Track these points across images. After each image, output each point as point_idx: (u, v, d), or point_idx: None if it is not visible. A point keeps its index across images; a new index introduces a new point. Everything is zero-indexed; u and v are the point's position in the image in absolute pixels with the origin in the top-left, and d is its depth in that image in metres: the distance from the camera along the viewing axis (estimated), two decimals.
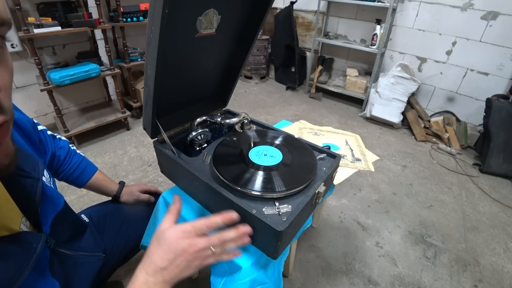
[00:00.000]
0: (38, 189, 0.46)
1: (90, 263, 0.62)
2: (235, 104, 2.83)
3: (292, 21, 2.91)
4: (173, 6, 0.48)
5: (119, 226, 0.81)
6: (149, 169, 1.80)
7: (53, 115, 2.09)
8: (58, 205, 0.53)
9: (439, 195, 1.70)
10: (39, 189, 0.46)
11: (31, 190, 0.45)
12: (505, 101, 1.94)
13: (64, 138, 0.79)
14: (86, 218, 0.78)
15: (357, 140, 1.18)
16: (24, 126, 0.57)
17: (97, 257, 0.65)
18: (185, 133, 0.82)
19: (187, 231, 0.44)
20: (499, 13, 2.02)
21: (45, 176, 0.53)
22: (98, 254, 0.66)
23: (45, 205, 0.49)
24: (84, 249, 0.61)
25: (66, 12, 1.76)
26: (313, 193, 0.62)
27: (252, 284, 0.61)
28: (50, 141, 0.71)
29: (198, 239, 0.44)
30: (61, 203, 0.54)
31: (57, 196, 0.54)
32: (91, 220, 0.78)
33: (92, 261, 0.63)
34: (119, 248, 0.79)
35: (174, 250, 0.43)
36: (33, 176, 0.46)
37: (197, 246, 0.43)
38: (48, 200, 0.50)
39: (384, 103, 2.45)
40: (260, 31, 0.83)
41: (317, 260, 1.25)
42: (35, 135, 0.60)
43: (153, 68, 0.55)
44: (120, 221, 0.82)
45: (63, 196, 0.57)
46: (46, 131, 0.71)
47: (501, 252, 1.34)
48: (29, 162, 0.48)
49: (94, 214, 0.80)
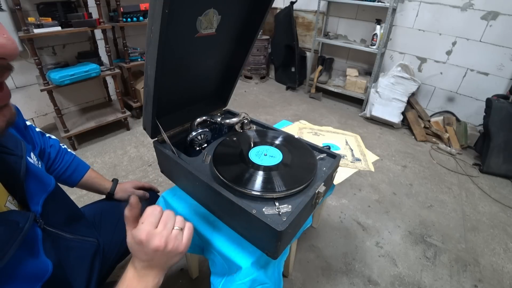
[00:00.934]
0: (22, 167, 0.46)
1: (83, 248, 0.62)
2: (235, 104, 2.83)
3: (292, 21, 2.91)
4: (173, 6, 0.48)
5: (116, 223, 0.81)
6: (149, 169, 1.80)
7: (53, 115, 2.09)
8: (49, 186, 0.53)
9: (439, 195, 1.70)
10: (23, 166, 0.46)
11: (14, 167, 0.45)
12: (505, 101, 1.94)
13: (54, 137, 0.79)
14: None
15: (357, 140, 1.18)
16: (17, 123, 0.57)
17: (90, 243, 0.65)
18: (185, 133, 0.82)
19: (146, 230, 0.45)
20: (499, 13, 2.02)
21: (32, 158, 0.53)
22: (92, 239, 0.65)
23: (33, 184, 0.49)
24: (77, 233, 0.60)
25: (66, 12, 1.76)
26: (313, 193, 0.62)
27: (252, 284, 0.61)
28: (38, 137, 0.70)
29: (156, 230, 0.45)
30: (52, 184, 0.54)
31: (47, 177, 0.54)
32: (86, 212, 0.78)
33: (85, 246, 0.63)
34: (116, 245, 0.79)
35: (148, 252, 0.44)
36: (16, 154, 0.46)
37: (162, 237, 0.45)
38: (36, 179, 0.50)
39: (384, 103, 2.45)
40: (260, 31, 0.83)
41: (317, 260, 1.25)
42: (20, 120, 0.60)
43: (153, 68, 0.55)
44: (116, 218, 0.82)
45: (54, 179, 0.56)
46: (34, 127, 0.70)
47: (501, 252, 1.34)
48: (11, 140, 0.48)
49: (89, 212, 0.79)
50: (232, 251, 0.65)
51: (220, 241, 0.67)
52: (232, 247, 0.66)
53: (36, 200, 0.49)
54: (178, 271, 1.17)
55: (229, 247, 0.66)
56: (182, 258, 1.21)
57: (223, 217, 0.68)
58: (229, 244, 0.66)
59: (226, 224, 0.68)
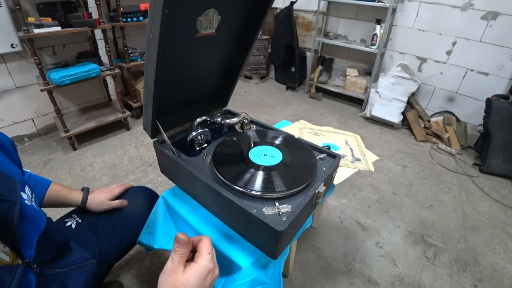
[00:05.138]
0: (16, 213, 0.43)
1: (83, 274, 0.61)
2: (235, 104, 2.83)
3: (292, 21, 2.91)
4: (173, 6, 0.48)
5: (114, 224, 0.80)
6: (149, 169, 1.80)
7: (53, 115, 2.09)
8: (40, 225, 0.51)
9: (439, 195, 1.70)
10: (17, 212, 0.43)
11: (7, 214, 0.42)
12: (505, 101, 1.94)
13: None
14: (74, 222, 0.74)
15: (357, 140, 1.18)
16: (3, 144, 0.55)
17: (90, 265, 0.64)
18: (185, 133, 0.82)
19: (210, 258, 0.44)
20: (499, 13, 2.02)
21: (26, 194, 0.51)
22: (89, 261, 0.64)
23: (26, 227, 0.47)
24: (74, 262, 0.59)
25: (66, 12, 1.76)
26: (313, 193, 0.62)
27: (252, 284, 0.61)
28: None
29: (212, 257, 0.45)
30: (43, 222, 0.52)
31: (39, 215, 0.52)
32: (82, 221, 0.76)
33: (85, 270, 0.62)
34: (115, 245, 0.78)
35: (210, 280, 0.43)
36: (9, 200, 0.43)
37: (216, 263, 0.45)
38: (29, 221, 0.48)
39: (384, 103, 2.45)
40: (260, 31, 0.83)
41: (317, 260, 1.25)
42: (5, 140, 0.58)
43: (153, 68, 0.55)
44: (114, 218, 0.80)
45: (44, 213, 0.54)
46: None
47: (501, 252, 1.34)
48: (5, 184, 0.45)
49: (84, 216, 0.77)
50: (232, 251, 0.65)
51: (220, 241, 0.67)
52: (232, 247, 0.66)
53: (30, 243, 0.46)
54: None
55: (229, 247, 0.66)
56: None
57: (223, 217, 0.68)
58: (229, 244, 0.66)
59: (226, 224, 0.68)
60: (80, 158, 1.89)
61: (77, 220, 0.76)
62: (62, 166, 1.82)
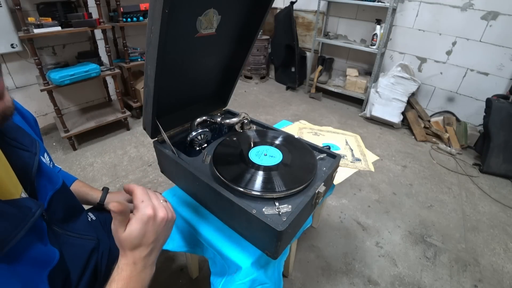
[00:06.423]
0: (35, 162, 0.48)
1: (81, 245, 0.62)
2: (235, 104, 2.83)
3: (292, 21, 2.91)
4: (173, 6, 0.48)
5: None
6: (149, 169, 1.80)
7: (53, 115, 2.09)
8: (57, 184, 0.55)
9: (439, 195, 1.70)
10: (36, 162, 0.48)
11: (28, 162, 0.47)
12: (505, 101, 1.94)
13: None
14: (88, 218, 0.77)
15: (357, 140, 1.18)
16: (28, 118, 0.60)
17: (89, 241, 0.65)
18: (185, 133, 0.82)
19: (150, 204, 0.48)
20: (499, 13, 2.02)
21: (45, 158, 0.56)
22: (90, 237, 0.65)
23: (43, 181, 0.51)
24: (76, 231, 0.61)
25: (66, 12, 1.76)
26: (313, 193, 0.62)
27: (252, 284, 0.61)
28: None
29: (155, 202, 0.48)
30: (59, 182, 0.56)
31: (56, 176, 0.56)
32: (97, 219, 0.77)
33: (84, 243, 0.63)
34: None
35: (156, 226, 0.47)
36: (30, 150, 0.49)
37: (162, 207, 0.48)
38: (46, 177, 0.53)
39: (384, 103, 2.45)
40: (260, 31, 0.83)
41: (317, 260, 1.25)
42: (29, 116, 0.63)
43: (153, 68, 0.55)
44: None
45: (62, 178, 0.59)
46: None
47: (501, 252, 1.34)
48: (28, 139, 0.50)
49: (100, 215, 0.79)
50: (232, 251, 0.65)
51: (220, 241, 0.67)
52: (232, 247, 0.66)
53: (44, 196, 0.50)
54: (178, 271, 1.17)
55: (229, 247, 0.66)
56: (183, 258, 1.21)
57: (223, 217, 0.68)
58: (229, 244, 0.66)
59: (226, 224, 0.68)
60: (80, 158, 1.89)
61: (92, 217, 0.77)
62: (62, 166, 1.81)
